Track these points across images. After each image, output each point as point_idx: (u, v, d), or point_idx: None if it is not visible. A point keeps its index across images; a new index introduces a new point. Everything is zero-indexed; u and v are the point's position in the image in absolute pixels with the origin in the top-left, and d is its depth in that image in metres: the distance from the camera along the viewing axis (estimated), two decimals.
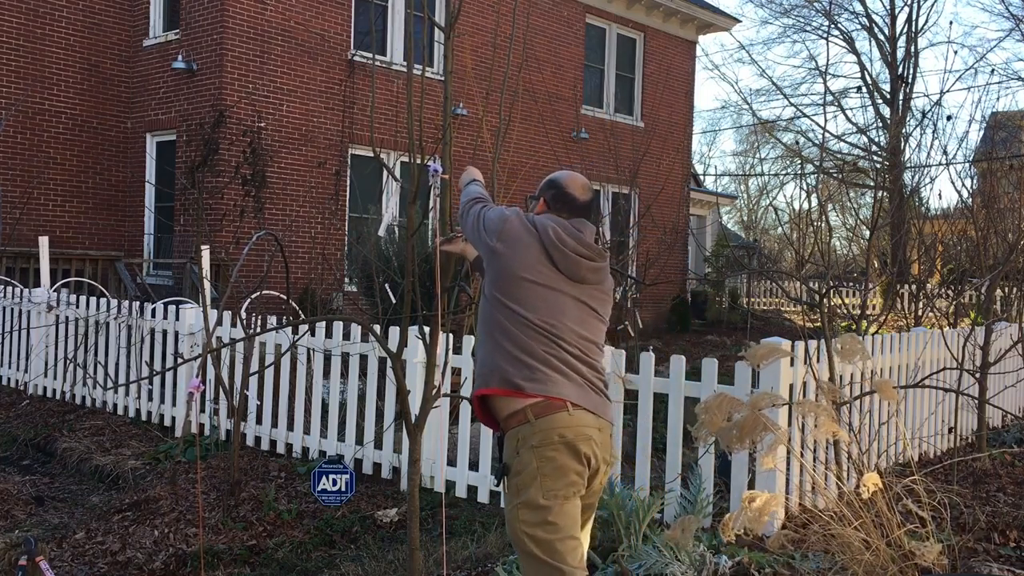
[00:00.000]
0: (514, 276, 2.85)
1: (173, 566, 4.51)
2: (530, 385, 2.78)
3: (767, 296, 26.26)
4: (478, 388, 2.92)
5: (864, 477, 2.93)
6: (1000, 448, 6.50)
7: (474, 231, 2.98)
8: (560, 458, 2.77)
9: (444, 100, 3.21)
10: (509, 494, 2.82)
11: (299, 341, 6.36)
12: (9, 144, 12.58)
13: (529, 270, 2.84)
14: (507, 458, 2.82)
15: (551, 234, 2.88)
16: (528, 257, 2.85)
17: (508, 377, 2.81)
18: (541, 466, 2.75)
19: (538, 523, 2.74)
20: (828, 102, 25.16)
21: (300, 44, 13.05)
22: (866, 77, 26.12)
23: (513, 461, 2.80)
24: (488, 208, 3.01)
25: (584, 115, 17.32)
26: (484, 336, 2.92)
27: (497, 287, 2.88)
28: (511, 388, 2.80)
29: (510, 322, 2.84)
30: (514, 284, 2.84)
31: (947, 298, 9.01)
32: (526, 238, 2.87)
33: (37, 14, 12.83)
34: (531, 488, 2.75)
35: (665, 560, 3.86)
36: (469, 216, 3.03)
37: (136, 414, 7.48)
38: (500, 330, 2.86)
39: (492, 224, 2.92)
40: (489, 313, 2.91)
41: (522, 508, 2.75)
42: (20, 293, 8.68)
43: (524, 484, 2.76)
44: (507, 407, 2.82)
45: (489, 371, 2.87)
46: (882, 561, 3.18)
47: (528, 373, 2.80)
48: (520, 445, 2.78)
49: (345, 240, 13.57)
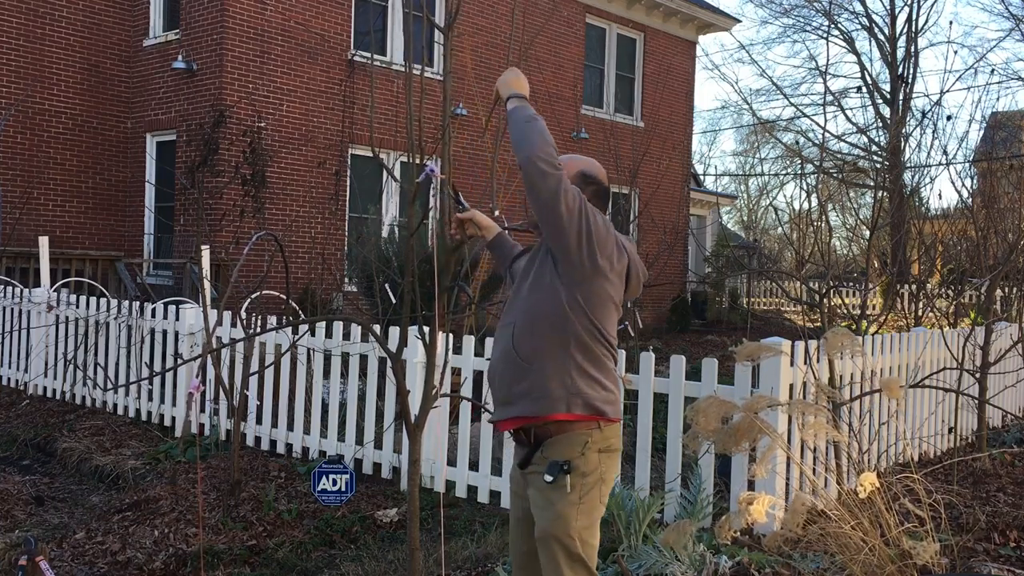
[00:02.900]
0: (609, 300, 2.73)
1: (173, 566, 4.51)
2: (611, 408, 2.71)
3: (767, 296, 26.26)
4: (546, 411, 2.68)
5: (861, 477, 2.93)
6: (1000, 448, 6.50)
7: (569, 217, 2.57)
8: (615, 465, 2.77)
9: (443, 100, 3.22)
10: (567, 493, 2.66)
11: (299, 341, 6.36)
12: (9, 144, 12.58)
13: (619, 295, 2.76)
14: (569, 455, 2.66)
15: (639, 267, 2.81)
16: (623, 284, 2.77)
17: (591, 401, 2.68)
18: (604, 471, 2.70)
19: (589, 526, 2.68)
20: (828, 102, 25.16)
21: (300, 44, 13.06)
22: (866, 77, 26.12)
23: (579, 461, 2.66)
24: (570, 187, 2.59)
25: (584, 115, 17.32)
26: (552, 347, 2.68)
27: (587, 302, 2.68)
28: (594, 414, 2.69)
29: (591, 339, 2.70)
30: (605, 306, 2.72)
31: (947, 298, 9.01)
32: (622, 263, 2.74)
33: (37, 14, 12.83)
34: (593, 490, 2.69)
35: (665, 560, 3.87)
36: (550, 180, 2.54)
37: (136, 414, 7.48)
38: (580, 346, 2.68)
39: (601, 237, 2.64)
40: (566, 324, 2.67)
41: (581, 509, 2.66)
42: (20, 293, 8.68)
43: (589, 486, 2.67)
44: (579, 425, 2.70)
45: (566, 392, 2.67)
46: (880, 560, 3.18)
47: (607, 395, 2.72)
48: (587, 447, 2.67)
49: (345, 240, 13.58)
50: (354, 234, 13.28)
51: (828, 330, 3.47)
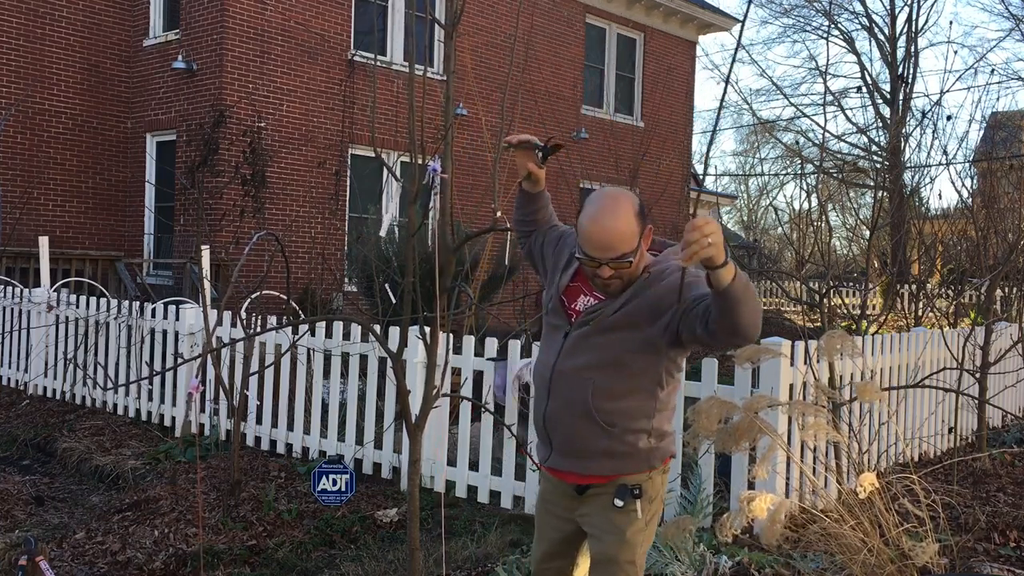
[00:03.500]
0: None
1: (173, 566, 4.51)
2: (673, 448, 2.70)
3: (767, 296, 26.26)
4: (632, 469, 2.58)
5: (860, 477, 2.93)
6: (1000, 448, 6.51)
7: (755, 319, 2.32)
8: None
9: (445, 101, 3.21)
10: (637, 519, 2.57)
11: (299, 341, 6.36)
12: (9, 144, 12.58)
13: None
14: (638, 480, 2.58)
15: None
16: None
17: (669, 448, 2.66)
18: (664, 492, 2.69)
19: (646, 551, 2.66)
20: (828, 102, 25.17)
21: (300, 44, 13.06)
22: (866, 77, 26.14)
23: (648, 485, 2.60)
24: None
25: (584, 115, 17.32)
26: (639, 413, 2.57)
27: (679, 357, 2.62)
28: (669, 457, 2.68)
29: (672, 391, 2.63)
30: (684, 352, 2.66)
31: (947, 298, 9.01)
32: None
33: (37, 14, 12.83)
34: (658, 514, 2.66)
35: (665, 560, 3.87)
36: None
37: (136, 414, 7.48)
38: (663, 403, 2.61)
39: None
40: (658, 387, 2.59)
41: (647, 534, 2.61)
42: (20, 293, 8.68)
43: (655, 510, 2.63)
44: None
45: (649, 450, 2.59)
46: (879, 560, 3.18)
47: (674, 436, 2.70)
48: (655, 471, 2.62)
49: (345, 240, 13.58)
50: (354, 234, 13.28)
51: (828, 330, 3.47)
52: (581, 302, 2.65)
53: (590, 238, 2.45)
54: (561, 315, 2.67)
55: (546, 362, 2.67)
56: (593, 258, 2.46)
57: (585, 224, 2.46)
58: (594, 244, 2.44)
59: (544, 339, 2.76)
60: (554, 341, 2.68)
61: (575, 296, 2.68)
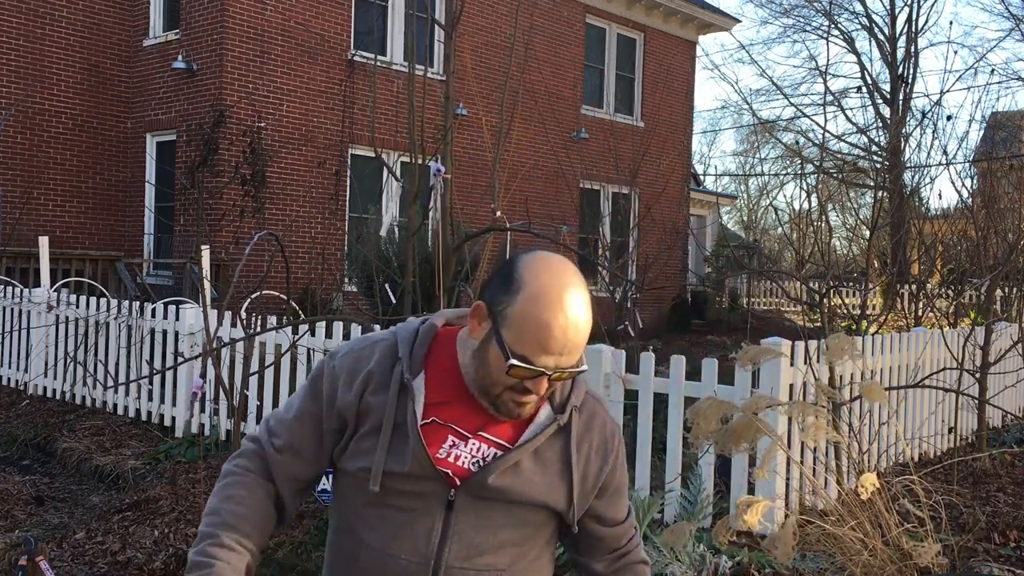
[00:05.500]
0: None
1: (173, 566, 4.51)
2: None
3: (767, 296, 26.26)
4: None
5: (861, 477, 2.93)
6: (1000, 448, 6.51)
7: None
8: None
9: (445, 101, 3.22)
10: None
11: (299, 341, 6.36)
12: (9, 144, 12.58)
13: None
14: None
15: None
16: None
17: None
18: None
19: None
20: (828, 102, 25.17)
21: (300, 44, 13.06)
22: (866, 77, 26.13)
23: None
24: None
25: (584, 115, 17.32)
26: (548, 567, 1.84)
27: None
28: None
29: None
30: None
31: (947, 298, 9.01)
32: None
33: (37, 14, 12.83)
34: None
35: (665, 560, 3.87)
36: None
37: (136, 414, 7.48)
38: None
39: None
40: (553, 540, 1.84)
41: None
42: (20, 293, 8.68)
43: None
44: None
45: None
46: (880, 561, 3.18)
47: None
48: None
49: (345, 240, 13.58)
50: (354, 234, 13.29)
51: (828, 330, 3.48)
52: (462, 451, 1.67)
53: (552, 337, 1.56)
54: (427, 474, 1.65)
55: (408, 557, 1.66)
56: (544, 367, 1.58)
57: (543, 317, 1.56)
58: (557, 346, 1.57)
59: (378, 521, 1.69)
60: (412, 521, 1.67)
61: (437, 442, 1.67)
